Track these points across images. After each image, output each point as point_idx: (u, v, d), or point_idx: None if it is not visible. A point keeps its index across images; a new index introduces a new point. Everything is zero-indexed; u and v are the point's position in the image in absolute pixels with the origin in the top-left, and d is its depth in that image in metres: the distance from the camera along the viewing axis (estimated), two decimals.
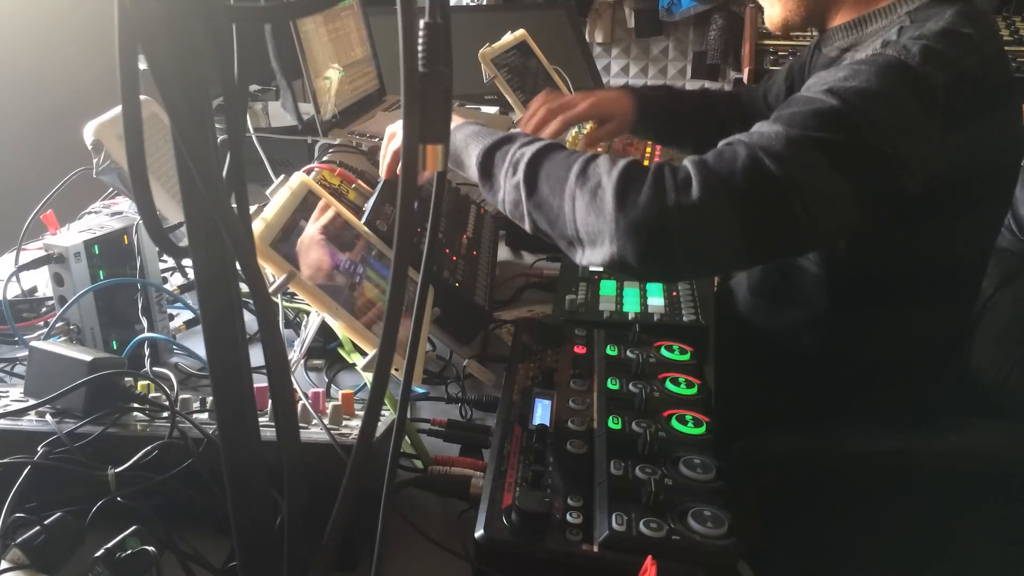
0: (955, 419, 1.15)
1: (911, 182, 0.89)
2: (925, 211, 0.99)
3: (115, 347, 1.00)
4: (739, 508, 0.76)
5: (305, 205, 0.92)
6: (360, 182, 1.18)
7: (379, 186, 1.11)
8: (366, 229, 1.00)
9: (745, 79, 3.34)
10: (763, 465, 1.09)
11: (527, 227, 0.92)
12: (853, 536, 1.09)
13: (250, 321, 0.54)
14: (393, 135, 1.11)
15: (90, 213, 1.29)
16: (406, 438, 0.82)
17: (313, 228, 0.90)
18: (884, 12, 1.05)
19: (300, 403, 0.78)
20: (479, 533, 0.65)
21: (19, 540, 0.64)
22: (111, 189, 1.35)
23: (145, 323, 1.02)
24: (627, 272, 0.86)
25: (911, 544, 1.09)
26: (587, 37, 3.71)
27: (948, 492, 1.04)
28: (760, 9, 1.28)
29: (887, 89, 0.88)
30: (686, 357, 0.93)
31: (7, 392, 0.83)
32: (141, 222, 1.00)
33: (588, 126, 1.41)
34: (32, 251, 1.14)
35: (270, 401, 0.73)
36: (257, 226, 0.82)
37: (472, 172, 0.98)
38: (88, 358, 0.76)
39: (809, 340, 1.17)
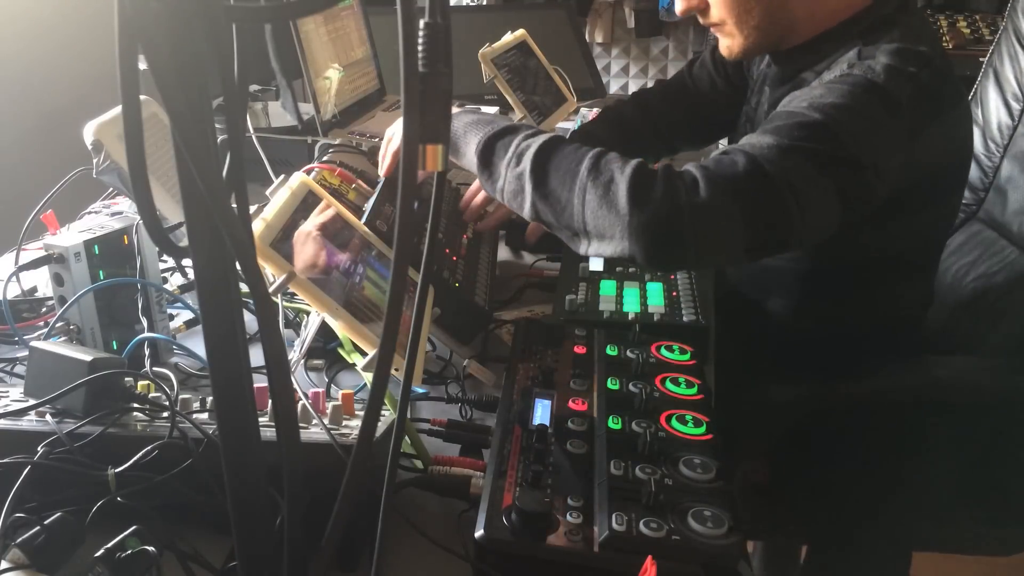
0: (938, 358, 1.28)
1: (880, 188, 0.98)
2: (894, 208, 1.07)
3: (115, 347, 1.00)
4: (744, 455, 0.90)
5: (305, 205, 0.92)
6: (360, 182, 1.18)
7: (379, 186, 1.11)
8: (366, 229, 1.00)
9: None
10: (774, 411, 1.19)
11: (526, 215, 0.96)
12: (854, 469, 1.21)
13: (250, 321, 0.54)
14: (391, 138, 1.13)
15: (90, 213, 1.29)
16: (406, 438, 0.82)
17: (311, 226, 0.91)
18: (836, 34, 1.13)
19: (300, 403, 0.78)
20: (479, 533, 0.65)
21: (19, 540, 0.64)
22: (111, 189, 1.35)
23: (145, 323, 1.02)
24: (631, 264, 0.90)
25: (904, 470, 1.22)
26: (587, 37, 3.71)
27: (946, 421, 1.18)
28: None
29: (859, 105, 0.97)
30: (686, 357, 0.93)
31: (7, 392, 0.83)
32: (141, 222, 1.00)
33: None
34: (32, 251, 1.13)
35: (270, 401, 0.73)
36: (257, 226, 0.82)
37: (470, 159, 1.00)
38: (88, 358, 0.76)
39: (785, 323, 1.29)
